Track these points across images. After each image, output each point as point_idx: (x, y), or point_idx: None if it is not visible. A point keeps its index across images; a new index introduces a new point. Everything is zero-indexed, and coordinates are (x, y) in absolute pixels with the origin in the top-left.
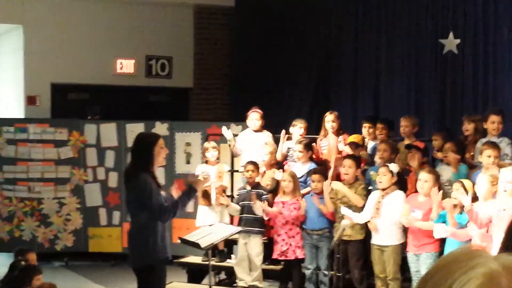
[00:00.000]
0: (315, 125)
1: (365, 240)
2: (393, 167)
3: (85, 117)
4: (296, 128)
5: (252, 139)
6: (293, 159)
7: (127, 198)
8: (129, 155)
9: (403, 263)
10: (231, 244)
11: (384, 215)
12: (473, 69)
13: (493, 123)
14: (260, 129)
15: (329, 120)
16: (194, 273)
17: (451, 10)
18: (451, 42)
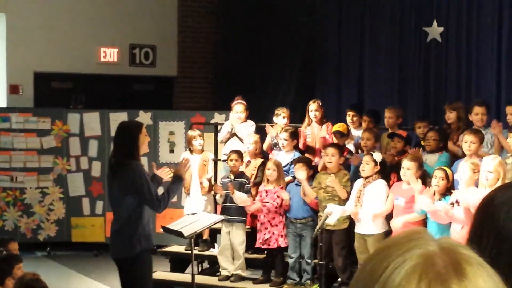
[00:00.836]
0: (299, 113)
1: (349, 228)
2: (377, 156)
3: (68, 106)
4: (279, 117)
5: (236, 129)
6: (277, 148)
7: (111, 188)
8: (113, 145)
9: None
10: (214, 233)
11: (366, 203)
12: (456, 58)
13: (477, 115)
14: (244, 120)
15: (312, 109)
16: (177, 262)
17: None
18: (434, 30)
